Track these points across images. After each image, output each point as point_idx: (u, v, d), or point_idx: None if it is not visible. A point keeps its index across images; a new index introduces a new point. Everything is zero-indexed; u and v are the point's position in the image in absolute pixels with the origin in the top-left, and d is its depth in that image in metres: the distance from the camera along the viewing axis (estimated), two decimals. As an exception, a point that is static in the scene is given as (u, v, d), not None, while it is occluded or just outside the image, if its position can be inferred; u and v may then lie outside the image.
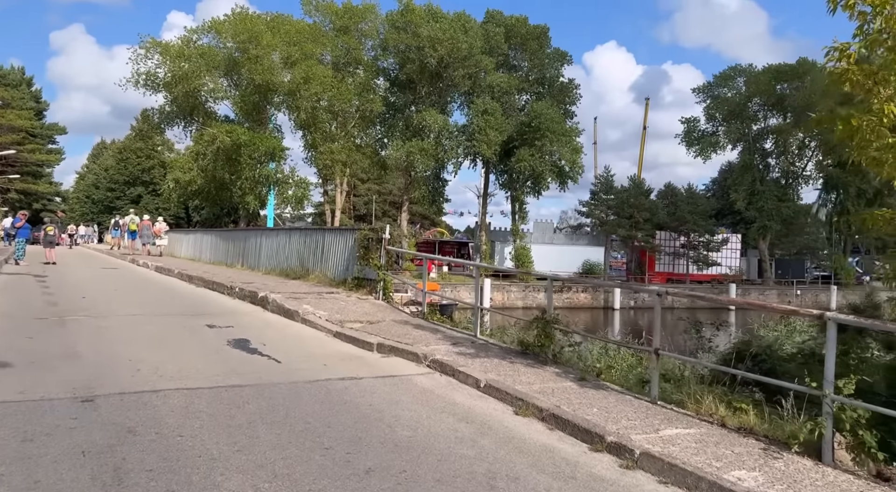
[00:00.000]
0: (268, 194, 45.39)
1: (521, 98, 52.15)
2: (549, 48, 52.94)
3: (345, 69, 47.66)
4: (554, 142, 45.58)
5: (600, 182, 54.41)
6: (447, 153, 47.43)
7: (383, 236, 10.86)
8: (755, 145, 57.95)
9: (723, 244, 53.58)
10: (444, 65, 46.47)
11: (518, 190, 50.07)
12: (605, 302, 46.63)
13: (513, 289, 45.17)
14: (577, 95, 52.80)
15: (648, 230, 52.41)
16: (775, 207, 55.40)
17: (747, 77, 56.70)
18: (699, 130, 60.00)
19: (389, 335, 8.39)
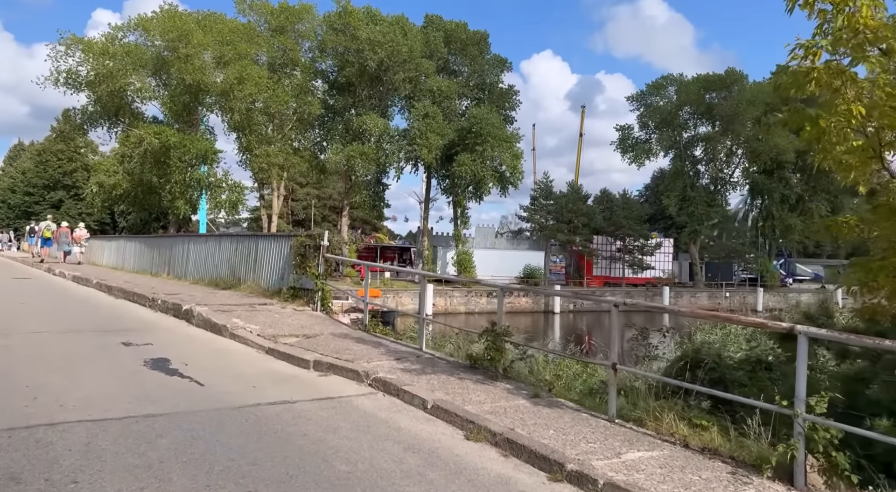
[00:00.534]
0: (199, 199, 43.55)
1: (462, 103, 52.17)
2: (489, 54, 53.23)
3: (281, 70, 46.38)
4: (495, 147, 45.70)
5: (540, 188, 55.02)
6: (388, 157, 46.83)
7: (321, 243, 10.18)
8: (686, 152, 60.04)
9: (656, 248, 55.14)
10: (384, 68, 45.87)
11: (460, 195, 49.94)
12: (546, 306, 47.02)
13: (455, 294, 44.92)
14: (517, 102, 53.30)
15: (586, 235, 53.35)
16: (705, 212, 57.50)
17: (678, 86, 58.69)
18: (633, 138, 61.68)
19: (328, 351, 7.77)
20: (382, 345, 8.25)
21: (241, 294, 12.56)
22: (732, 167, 60.94)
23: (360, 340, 8.49)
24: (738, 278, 61.58)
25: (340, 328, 9.34)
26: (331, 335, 8.77)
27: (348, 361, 7.17)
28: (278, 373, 7.17)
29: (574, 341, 36.98)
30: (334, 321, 9.97)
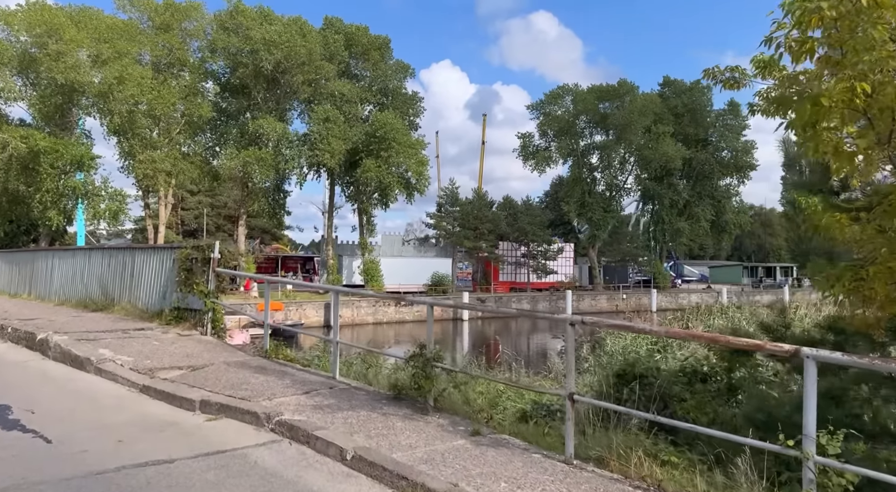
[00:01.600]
0: (75, 209, 39.53)
1: (365, 108, 50.95)
2: (391, 59, 52.40)
3: (167, 71, 43.22)
4: (400, 153, 44.83)
5: (446, 194, 54.74)
6: (288, 163, 44.68)
7: (211, 256, 8.70)
8: (583, 160, 62.07)
9: (559, 253, 56.40)
10: (282, 70, 43.82)
11: (365, 202, 48.61)
12: (455, 314, 46.57)
13: (362, 304, 43.43)
14: (421, 108, 52.76)
15: (492, 241, 53.63)
16: (602, 217, 59.67)
17: (574, 96, 60.61)
18: (534, 145, 63.03)
19: (219, 386, 6.44)
20: (287, 374, 7.00)
21: (114, 317, 10.75)
22: (626, 174, 63.75)
23: (260, 370, 7.19)
24: (633, 280, 64.31)
25: (235, 355, 7.96)
26: (223, 365, 7.39)
27: (245, 399, 5.90)
28: (154, 419, 5.76)
29: (484, 348, 36.76)
30: (228, 347, 8.53)
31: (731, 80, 5.48)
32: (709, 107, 64.20)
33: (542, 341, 41.67)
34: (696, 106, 63.02)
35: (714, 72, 5.63)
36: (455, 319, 46.38)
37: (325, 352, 11.77)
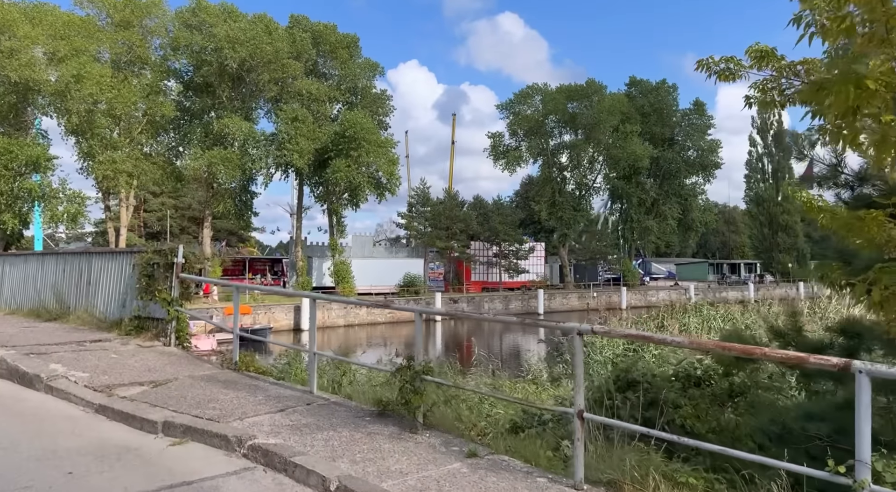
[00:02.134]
0: (32, 212, 37.94)
1: (334, 107, 50.16)
2: (360, 58, 51.67)
3: (128, 69, 41.83)
4: (370, 152, 44.18)
5: (417, 194, 54.23)
6: (255, 163, 43.63)
7: (175, 260, 8.07)
8: (553, 159, 62.25)
9: (530, 252, 56.41)
10: (247, 68, 42.79)
11: (335, 202, 47.80)
12: (428, 314, 46.13)
13: (333, 306, 42.62)
14: (391, 107, 52.11)
15: (464, 241, 53.36)
16: (572, 216, 59.93)
17: (543, 96, 60.75)
18: (504, 145, 63.00)
19: (184, 405, 5.87)
20: (260, 389, 6.44)
21: (69, 327, 10.00)
22: (595, 173, 64.17)
23: (229, 385, 6.62)
24: (602, 278, 64.80)
25: (202, 368, 7.35)
26: (189, 379, 6.79)
27: (213, 420, 5.35)
28: (111, 445, 5.17)
29: (456, 351, 36.38)
30: (193, 359, 7.90)
31: (725, 71, 5.17)
32: (674, 106, 65.11)
33: (514, 341, 41.52)
34: (662, 105, 63.81)
35: (708, 63, 5.31)
36: (427, 319, 45.93)
37: (296, 359, 11.20)
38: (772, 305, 19.49)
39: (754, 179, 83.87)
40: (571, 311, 54.17)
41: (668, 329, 15.74)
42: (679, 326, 15.43)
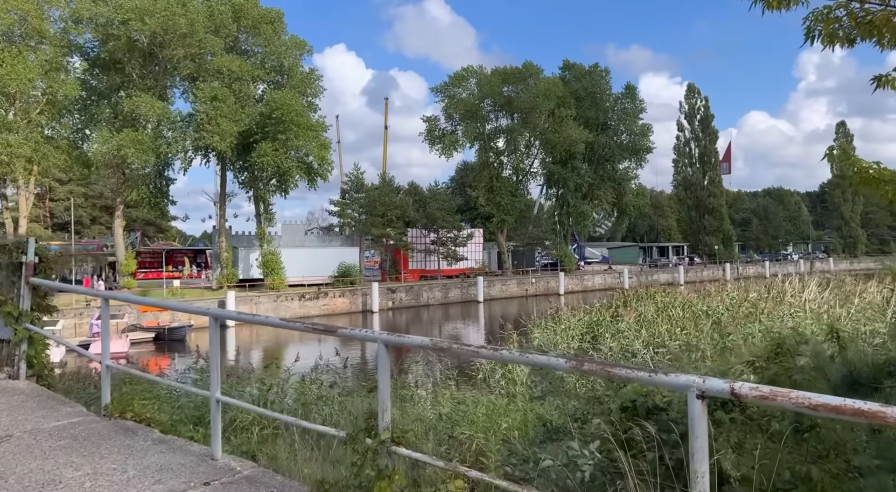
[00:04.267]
0: None
1: (258, 87, 47.07)
2: (286, 35, 48.64)
3: (22, 43, 37.52)
4: (299, 136, 41.62)
5: (350, 180, 51.97)
6: (170, 146, 40.25)
7: (24, 259, 5.99)
8: (490, 144, 61.29)
9: (469, 239, 55.36)
10: (159, 42, 39.27)
11: (262, 189, 44.94)
12: (364, 305, 44.28)
13: (262, 300, 40.11)
14: (320, 88, 49.42)
15: (400, 228, 51.64)
16: (510, 202, 59.26)
17: (478, 79, 59.54)
18: (440, 129, 61.50)
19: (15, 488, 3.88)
20: (135, 451, 4.19)
21: None
22: (532, 158, 63.72)
23: (89, 446, 4.18)
24: (540, 264, 64.70)
25: (56, 415, 5.09)
26: (29, 438, 4.50)
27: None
28: None
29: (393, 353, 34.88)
30: (48, 398, 5.71)
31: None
32: (608, 91, 65.37)
33: (454, 329, 40.40)
34: (596, 90, 63.93)
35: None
36: (364, 311, 44.11)
37: (203, 374, 9.28)
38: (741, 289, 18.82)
39: (682, 164, 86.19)
40: (511, 298, 53.64)
41: (623, 319, 14.71)
42: (636, 316, 14.43)
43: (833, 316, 12.51)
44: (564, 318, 15.51)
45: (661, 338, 12.25)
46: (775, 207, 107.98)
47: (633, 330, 13.44)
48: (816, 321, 12.23)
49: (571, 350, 13.99)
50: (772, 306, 13.85)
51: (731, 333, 11.45)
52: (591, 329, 15.24)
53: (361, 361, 26.95)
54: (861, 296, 15.04)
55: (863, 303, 13.74)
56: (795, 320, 12.15)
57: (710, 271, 73.92)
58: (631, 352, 11.92)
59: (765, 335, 10.72)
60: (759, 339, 10.67)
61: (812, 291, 16.31)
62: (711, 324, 13.36)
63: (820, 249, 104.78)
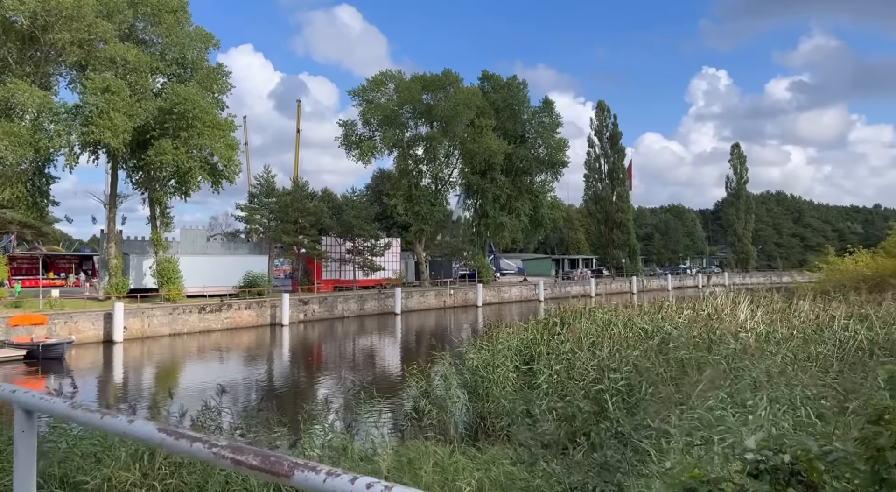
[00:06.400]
0: None
1: (157, 80, 43.19)
2: (190, 26, 45.09)
3: None
4: (203, 134, 38.33)
5: (260, 184, 48.79)
6: (52, 140, 35.76)
7: None
8: (409, 152, 59.92)
9: (386, 249, 53.53)
10: (42, 25, 34.95)
11: (159, 190, 41.05)
12: (273, 318, 41.31)
13: (157, 313, 36.34)
14: (228, 84, 46.06)
15: (314, 236, 49.02)
16: (429, 211, 58.06)
17: (397, 84, 58.16)
18: (357, 134, 59.47)
19: None
20: None
21: None
22: (451, 168, 62.95)
23: None
24: (457, 275, 63.87)
25: None
26: None
27: None
28: None
29: (306, 358, 32.39)
30: None
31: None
32: (525, 104, 65.83)
33: (368, 343, 38.42)
34: (514, 102, 64.19)
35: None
36: (273, 324, 41.16)
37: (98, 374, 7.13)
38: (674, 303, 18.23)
39: (593, 179, 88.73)
40: (429, 309, 52.26)
41: (563, 337, 13.58)
42: (576, 335, 13.31)
43: (794, 340, 11.90)
44: (502, 337, 14.17)
45: (613, 360, 11.13)
46: (675, 223, 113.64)
47: (577, 351, 12.30)
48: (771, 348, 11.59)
49: (511, 374, 12.66)
50: (715, 326, 13.16)
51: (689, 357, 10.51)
52: (530, 348, 14.00)
53: (285, 385, 24.51)
54: (796, 314, 14.75)
55: (806, 324, 13.34)
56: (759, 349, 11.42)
57: (618, 284, 76.06)
58: (583, 378, 10.72)
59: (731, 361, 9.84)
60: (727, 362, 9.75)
61: (744, 311, 15.93)
62: (658, 344, 12.45)
63: (715, 263, 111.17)
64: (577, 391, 10.20)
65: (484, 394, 12.44)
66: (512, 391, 12.13)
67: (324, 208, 50.00)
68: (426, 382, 14.45)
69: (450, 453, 6.02)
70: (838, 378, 8.94)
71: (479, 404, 12.55)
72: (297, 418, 10.47)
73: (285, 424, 8.36)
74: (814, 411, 7.05)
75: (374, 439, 8.07)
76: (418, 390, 13.78)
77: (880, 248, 22.54)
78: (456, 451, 6.35)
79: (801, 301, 17.19)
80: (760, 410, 7.30)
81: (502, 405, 11.63)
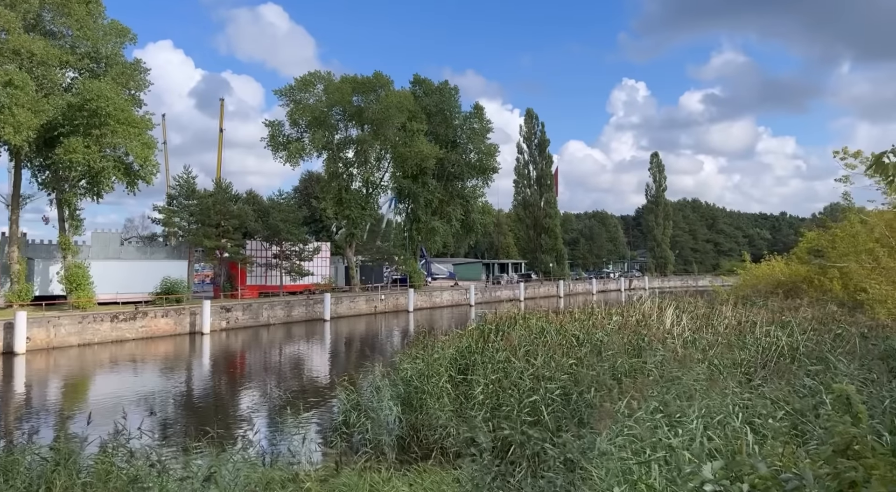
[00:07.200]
0: None
1: (66, 74, 40.42)
2: (105, 19, 42.53)
3: None
4: (118, 132, 36.09)
5: (180, 185, 46.47)
6: (-57, 135, 32.70)
7: None
8: (339, 154, 58.86)
9: (315, 253, 52.26)
10: (-67, 7, 31.91)
11: (68, 191, 38.33)
12: (192, 326, 39.35)
13: (64, 322, 33.82)
14: (146, 81, 43.66)
15: (238, 240, 47.16)
16: (360, 215, 57.21)
17: (327, 85, 57.06)
18: (284, 135, 57.84)
19: None
20: None
21: None
22: (383, 171, 62.31)
23: None
24: (389, 279, 63.28)
25: None
26: None
27: None
28: None
29: (228, 368, 30.93)
30: None
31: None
32: (457, 109, 66.09)
33: (295, 351, 37.26)
34: (446, 107, 64.31)
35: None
36: (193, 332, 39.21)
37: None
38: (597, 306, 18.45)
39: (522, 184, 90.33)
40: (360, 315, 51.37)
41: (498, 345, 13.47)
42: (511, 343, 13.22)
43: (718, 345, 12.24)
44: (438, 346, 13.90)
45: (548, 369, 11.08)
46: (599, 228, 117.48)
47: (513, 359, 12.20)
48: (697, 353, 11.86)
49: (447, 385, 12.40)
50: (644, 333, 13.41)
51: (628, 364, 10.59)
52: (465, 357, 13.80)
53: (204, 399, 23.17)
54: (720, 320, 15.29)
55: (729, 329, 13.81)
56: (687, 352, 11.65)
57: (546, 288, 77.67)
58: (518, 387, 10.59)
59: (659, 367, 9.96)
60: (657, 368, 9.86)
61: (670, 317, 16.36)
62: (590, 352, 12.54)
63: (636, 267, 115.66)
64: (513, 403, 10.05)
65: (418, 405, 12.13)
66: (448, 402, 11.88)
67: (249, 211, 48.20)
68: (357, 393, 14.00)
69: (387, 479, 5.64)
70: (764, 385, 9.21)
71: (413, 415, 12.23)
72: (216, 434, 9.77)
73: (200, 451, 7.72)
74: (745, 421, 7.15)
75: (300, 465, 7.56)
76: (349, 403, 13.31)
77: (792, 254, 23.93)
78: (393, 476, 5.98)
79: (723, 307, 17.87)
80: (693, 419, 7.33)
81: (437, 416, 11.36)
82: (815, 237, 21.58)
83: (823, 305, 16.41)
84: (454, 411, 11.04)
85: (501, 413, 10.63)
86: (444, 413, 10.99)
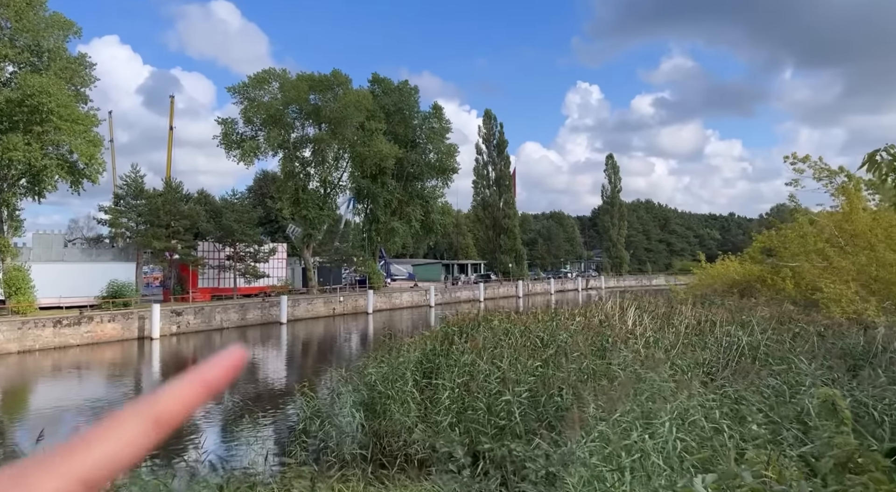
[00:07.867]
0: None
1: (6, 68, 38.37)
2: (47, 12, 40.54)
3: None
4: (62, 129, 34.45)
5: (128, 184, 44.72)
6: None
7: None
8: (296, 153, 57.77)
9: (271, 255, 51.08)
10: None
11: (7, 191, 36.39)
12: (141, 331, 37.86)
13: (2, 328, 32.03)
14: (92, 77, 41.86)
15: (189, 241, 45.68)
16: (317, 215, 56.25)
17: (282, 82, 55.91)
18: (238, 133, 56.42)
19: None
20: None
21: None
22: (341, 171, 61.44)
23: None
24: (347, 281, 62.42)
25: None
26: None
27: None
28: None
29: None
30: None
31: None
32: (416, 109, 65.77)
33: (251, 356, 36.25)
34: (405, 106, 63.90)
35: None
36: (141, 338, 37.74)
37: None
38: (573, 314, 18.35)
39: (481, 185, 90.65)
40: (318, 317, 50.44)
41: (462, 348, 13.23)
42: (476, 345, 12.97)
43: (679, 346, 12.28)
44: (403, 349, 13.58)
45: (514, 371, 10.89)
46: (556, 229, 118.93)
47: (479, 362, 11.97)
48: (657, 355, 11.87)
49: (412, 389, 12.09)
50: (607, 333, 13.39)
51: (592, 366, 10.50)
52: (430, 360, 13.51)
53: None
54: (679, 319, 15.42)
55: (690, 329, 13.92)
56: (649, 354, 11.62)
57: (506, 288, 78.04)
58: (485, 391, 10.37)
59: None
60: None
61: (632, 317, 16.44)
62: (556, 354, 12.42)
63: (592, 267, 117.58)
64: (481, 407, 9.83)
65: (381, 410, 11.79)
66: (413, 407, 11.58)
67: (200, 211, 46.74)
68: (317, 399, 13.56)
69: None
70: (727, 385, 9.23)
71: (377, 421, 11.88)
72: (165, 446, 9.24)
73: (147, 466, 7.22)
74: (713, 423, 7.09)
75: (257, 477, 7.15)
76: (309, 410, 12.86)
77: (745, 253, 24.57)
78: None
79: (682, 306, 18.08)
80: (664, 420, 7.24)
81: (402, 422, 11.04)
82: (766, 238, 22.16)
83: (779, 304, 16.81)
84: (419, 417, 10.75)
85: (468, 417, 10.41)
86: (410, 419, 10.69)
